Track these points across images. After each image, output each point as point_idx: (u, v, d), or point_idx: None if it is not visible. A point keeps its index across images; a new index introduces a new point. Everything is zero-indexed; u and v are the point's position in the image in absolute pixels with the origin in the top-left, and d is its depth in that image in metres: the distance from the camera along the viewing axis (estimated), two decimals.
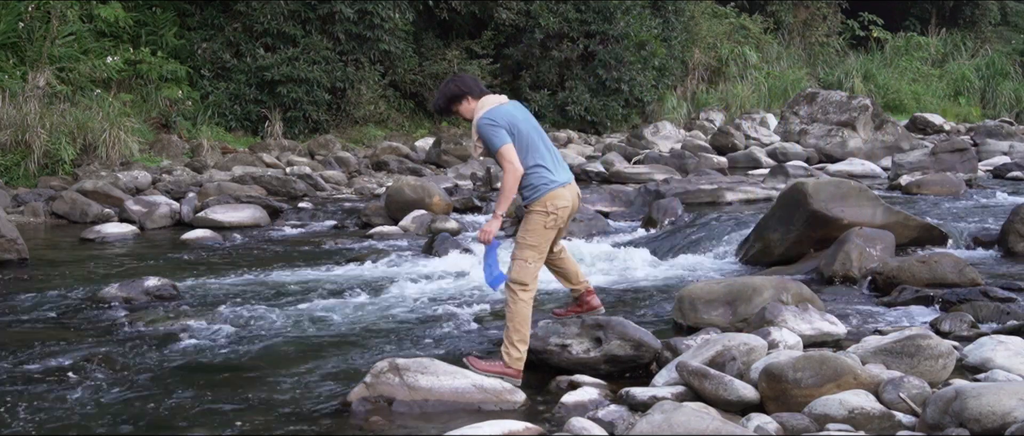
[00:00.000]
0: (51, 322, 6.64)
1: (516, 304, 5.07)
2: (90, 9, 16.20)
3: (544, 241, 5.15)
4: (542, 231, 5.11)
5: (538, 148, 5.13)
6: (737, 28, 26.46)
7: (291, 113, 17.47)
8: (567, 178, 5.18)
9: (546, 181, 5.09)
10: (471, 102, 5.21)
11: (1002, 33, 32.98)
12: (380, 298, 7.32)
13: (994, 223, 9.11)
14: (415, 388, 4.78)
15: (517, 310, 5.06)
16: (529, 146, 5.10)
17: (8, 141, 13.11)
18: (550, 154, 5.19)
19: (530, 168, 5.08)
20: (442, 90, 5.31)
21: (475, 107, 5.17)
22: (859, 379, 4.38)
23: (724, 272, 8.18)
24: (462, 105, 5.23)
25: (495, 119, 5.05)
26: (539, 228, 5.10)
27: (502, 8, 20.25)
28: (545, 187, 5.09)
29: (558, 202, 5.10)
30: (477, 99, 5.20)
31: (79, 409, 4.79)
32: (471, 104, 5.21)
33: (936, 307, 6.48)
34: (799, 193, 8.19)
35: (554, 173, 5.12)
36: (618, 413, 4.37)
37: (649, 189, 11.92)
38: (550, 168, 5.13)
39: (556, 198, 5.09)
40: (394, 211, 11.16)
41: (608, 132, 21.00)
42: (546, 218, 5.09)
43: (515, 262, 5.11)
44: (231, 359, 5.70)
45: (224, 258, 9.31)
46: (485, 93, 5.24)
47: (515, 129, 5.08)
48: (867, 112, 18.01)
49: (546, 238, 5.15)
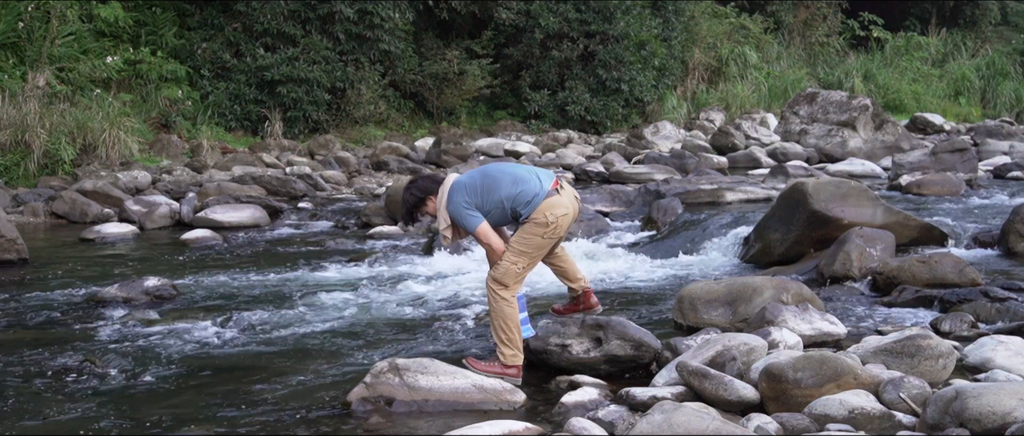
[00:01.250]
0: (51, 322, 6.64)
1: (497, 302, 5.06)
2: (90, 9, 16.19)
3: (539, 252, 5.15)
4: (539, 242, 5.11)
5: (509, 177, 5.13)
6: (737, 28, 26.45)
7: (291, 113, 17.47)
8: (549, 184, 5.14)
9: (535, 192, 5.08)
10: (432, 201, 5.24)
11: (1002, 33, 32.96)
12: (380, 298, 7.31)
13: (994, 223, 9.11)
14: (415, 388, 4.77)
15: (499, 309, 5.06)
16: (500, 183, 5.10)
17: (8, 141, 13.11)
18: (527, 173, 5.18)
19: (513, 195, 5.08)
20: (404, 200, 5.33)
21: (437, 201, 5.20)
22: (859, 379, 4.38)
23: (724, 272, 8.18)
24: (426, 206, 5.27)
25: (459, 201, 5.09)
26: (536, 238, 5.10)
27: (502, 8, 20.24)
28: (537, 197, 5.07)
29: (557, 210, 5.08)
30: (436, 194, 5.22)
31: (79, 409, 4.79)
32: (432, 202, 5.24)
33: (936, 307, 6.48)
34: (799, 193, 8.19)
35: (535, 184, 5.11)
36: (618, 413, 4.37)
37: (649, 189, 11.92)
38: (527, 180, 5.12)
39: (554, 207, 5.08)
40: (394, 211, 11.14)
41: (608, 132, 21.00)
42: (545, 229, 5.08)
43: (503, 263, 5.08)
44: (231, 359, 5.70)
45: (224, 258, 9.31)
46: (439, 182, 5.26)
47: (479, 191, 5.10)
48: (867, 112, 18.00)
49: (542, 248, 5.15)
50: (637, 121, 21.71)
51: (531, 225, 5.08)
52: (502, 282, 5.06)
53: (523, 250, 5.09)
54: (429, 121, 20.25)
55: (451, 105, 20.17)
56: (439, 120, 20.22)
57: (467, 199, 5.08)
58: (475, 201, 5.08)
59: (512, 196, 5.08)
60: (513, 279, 5.09)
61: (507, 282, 5.07)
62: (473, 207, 5.07)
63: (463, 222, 5.09)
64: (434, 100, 20.01)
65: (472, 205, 5.08)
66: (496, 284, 5.07)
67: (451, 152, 16.77)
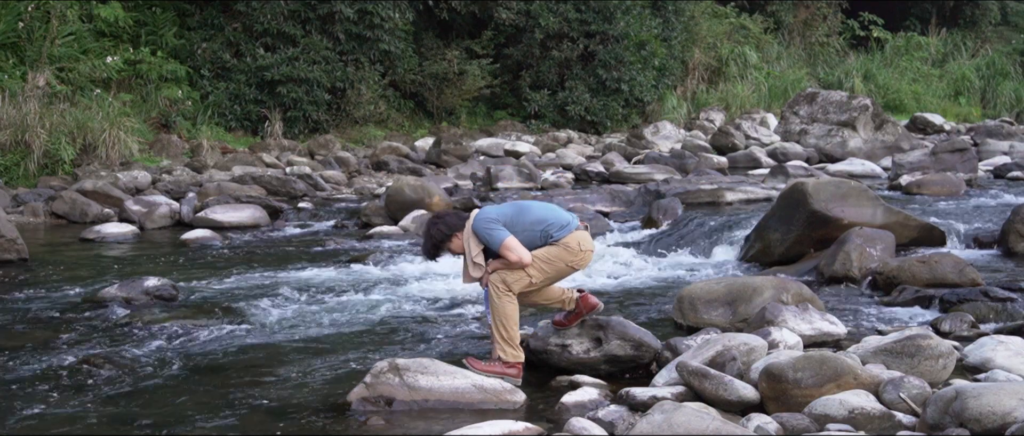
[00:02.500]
0: (51, 322, 6.64)
1: (500, 300, 5.07)
2: (90, 9, 16.20)
3: (556, 276, 5.22)
4: (562, 267, 5.19)
5: (541, 206, 5.31)
6: (737, 28, 26.45)
7: (291, 113, 17.47)
8: (578, 220, 5.32)
9: (568, 221, 5.23)
10: (458, 238, 5.22)
11: (1002, 33, 32.96)
12: (380, 298, 7.31)
13: (994, 223, 9.10)
14: (415, 388, 4.77)
15: (502, 306, 5.07)
16: (532, 209, 5.24)
17: (8, 141, 13.11)
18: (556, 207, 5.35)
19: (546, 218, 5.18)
20: (428, 235, 5.28)
21: (464, 233, 5.19)
22: (859, 379, 4.38)
23: (724, 272, 8.18)
24: (452, 243, 5.25)
25: (487, 217, 5.12)
26: (560, 263, 5.17)
27: (502, 8, 20.25)
28: (570, 225, 5.20)
29: (585, 244, 5.22)
30: (462, 231, 5.21)
31: (79, 409, 4.79)
32: (458, 239, 5.22)
33: (936, 307, 6.48)
34: (799, 193, 8.19)
35: (567, 215, 5.28)
36: (618, 413, 4.37)
37: (649, 189, 11.92)
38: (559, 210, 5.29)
39: (584, 240, 5.23)
40: (394, 211, 11.15)
41: (608, 132, 21.00)
42: (572, 257, 5.17)
43: (520, 272, 5.09)
44: (231, 359, 5.70)
45: (224, 258, 9.31)
46: (465, 219, 5.26)
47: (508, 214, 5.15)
48: (867, 112, 18.00)
49: (560, 274, 5.22)
50: (637, 121, 21.72)
51: (561, 248, 5.15)
52: (509, 288, 5.08)
53: (545, 268, 5.15)
54: (429, 121, 20.25)
55: (451, 105, 20.17)
56: (439, 120, 20.22)
57: (494, 217, 5.13)
58: (503, 222, 5.13)
59: (545, 219, 5.18)
60: (520, 289, 5.12)
61: (514, 290, 5.09)
62: (500, 225, 5.10)
63: (489, 236, 5.07)
64: (434, 100, 20.01)
65: (499, 224, 5.11)
66: (503, 284, 5.08)
67: (451, 152, 16.77)
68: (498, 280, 5.09)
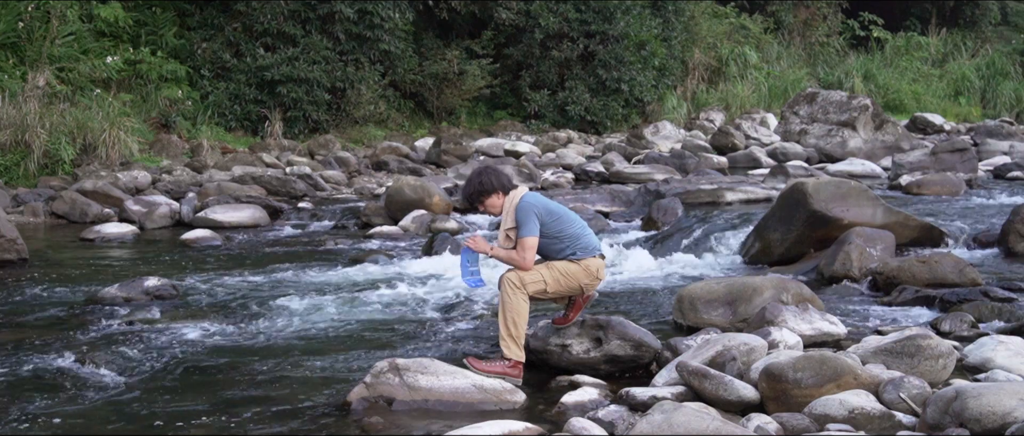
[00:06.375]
0: (51, 322, 6.64)
1: (514, 295, 5.11)
2: (90, 9, 16.19)
3: (566, 290, 5.27)
4: (574, 284, 5.26)
5: (580, 223, 5.35)
6: (737, 28, 26.45)
7: (291, 113, 17.47)
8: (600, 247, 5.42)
9: (596, 245, 5.33)
10: (500, 198, 5.29)
11: (1002, 33, 32.95)
12: (380, 298, 7.31)
13: (994, 223, 9.10)
14: (415, 388, 4.77)
15: (515, 302, 5.10)
16: (573, 221, 5.31)
17: (8, 141, 13.11)
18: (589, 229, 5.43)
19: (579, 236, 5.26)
20: (478, 180, 5.32)
21: (504, 203, 5.26)
22: (859, 379, 4.38)
23: (724, 272, 8.18)
24: (491, 199, 5.30)
25: (535, 205, 5.20)
26: (575, 280, 5.25)
27: (502, 8, 20.24)
28: (595, 249, 5.30)
29: (600, 273, 5.33)
30: (506, 195, 5.28)
31: (79, 409, 4.79)
32: (500, 199, 5.29)
33: (936, 307, 6.48)
34: (799, 193, 8.19)
35: (596, 239, 5.38)
36: (618, 413, 4.37)
37: (649, 189, 11.92)
38: (591, 233, 5.37)
39: (601, 268, 5.33)
40: (394, 211, 11.16)
41: (608, 132, 21.00)
42: (587, 280, 5.27)
43: (536, 276, 5.15)
44: (231, 359, 5.69)
45: (224, 258, 9.31)
46: (514, 186, 5.36)
47: (554, 214, 5.25)
48: (867, 112, 18.00)
49: (570, 291, 5.28)
50: (637, 121, 21.71)
51: (581, 268, 5.25)
52: (523, 288, 5.13)
53: (561, 280, 5.22)
54: (429, 121, 20.25)
55: (451, 105, 20.17)
56: (439, 120, 20.22)
57: (539, 211, 5.18)
58: (544, 219, 5.19)
59: (578, 237, 5.26)
60: (533, 293, 5.17)
61: (528, 292, 5.16)
62: (538, 221, 5.16)
63: (524, 223, 5.15)
64: (434, 100, 20.01)
65: (538, 219, 5.17)
66: (518, 281, 5.13)
67: (451, 152, 16.76)
68: (515, 277, 5.13)
